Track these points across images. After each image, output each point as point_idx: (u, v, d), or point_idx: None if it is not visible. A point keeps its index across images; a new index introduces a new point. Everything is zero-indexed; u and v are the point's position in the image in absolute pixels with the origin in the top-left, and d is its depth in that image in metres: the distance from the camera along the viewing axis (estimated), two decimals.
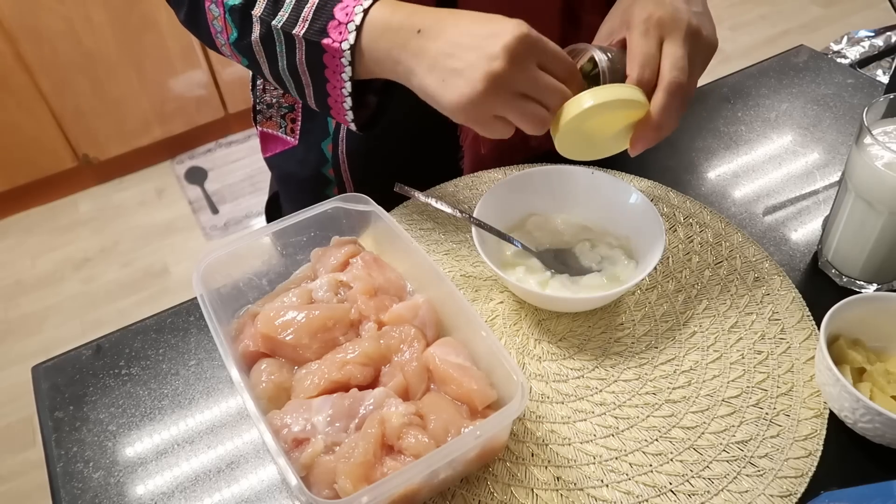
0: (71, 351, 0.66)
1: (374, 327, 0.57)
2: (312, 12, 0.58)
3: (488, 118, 0.56)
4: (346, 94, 0.60)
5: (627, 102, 0.57)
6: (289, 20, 0.59)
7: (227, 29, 0.64)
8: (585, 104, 0.56)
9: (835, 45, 1.48)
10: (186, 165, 2.36)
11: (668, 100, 0.57)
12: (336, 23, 0.57)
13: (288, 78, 0.64)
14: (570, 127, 0.57)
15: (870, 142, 0.60)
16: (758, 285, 0.67)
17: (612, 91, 0.56)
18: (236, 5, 0.62)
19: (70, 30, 1.94)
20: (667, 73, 0.57)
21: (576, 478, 0.54)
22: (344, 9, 0.58)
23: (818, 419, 0.56)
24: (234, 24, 0.63)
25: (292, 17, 0.59)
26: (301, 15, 0.59)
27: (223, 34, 0.65)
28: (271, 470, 0.56)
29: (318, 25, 0.58)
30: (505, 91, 0.54)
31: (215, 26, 0.65)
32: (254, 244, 0.62)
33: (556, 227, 0.71)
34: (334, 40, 0.57)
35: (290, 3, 0.60)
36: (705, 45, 0.60)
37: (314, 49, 0.59)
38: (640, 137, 0.59)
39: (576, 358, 0.62)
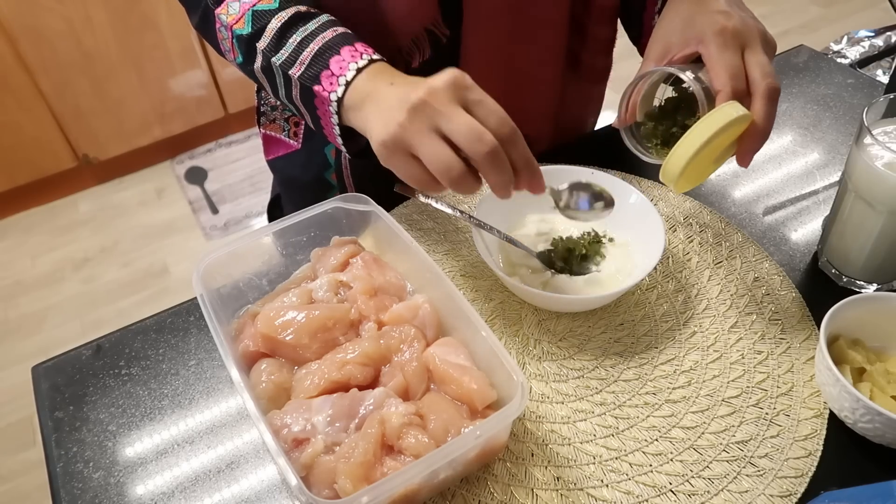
0: (71, 351, 0.66)
1: (374, 327, 0.57)
2: (310, 58, 0.60)
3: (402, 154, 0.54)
4: (336, 134, 0.62)
5: (736, 120, 0.55)
6: (287, 60, 0.61)
7: (234, 52, 0.65)
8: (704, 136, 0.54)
9: (835, 45, 1.48)
10: (186, 165, 2.36)
11: (769, 106, 0.57)
12: (329, 73, 0.59)
13: (289, 104, 0.65)
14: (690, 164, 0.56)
15: (870, 142, 0.60)
16: (758, 285, 0.67)
17: (721, 114, 0.55)
18: (243, 35, 0.63)
19: (70, 30, 1.94)
20: (760, 81, 0.57)
21: (576, 478, 0.54)
22: (339, 62, 0.59)
23: (818, 419, 0.56)
24: (240, 51, 0.65)
25: (291, 57, 0.61)
26: (299, 58, 0.60)
27: (230, 54, 0.67)
28: (271, 470, 0.56)
29: (313, 72, 0.60)
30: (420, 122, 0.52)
31: (223, 45, 0.67)
32: (254, 244, 0.62)
33: (555, 226, 0.71)
34: (324, 89, 0.59)
35: (293, 44, 0.61)
36: (773, 47, 0.61)
37: (306, 92, 0.60)
38: (750, 149, 0.58)
39: (576, 358, 0.62)
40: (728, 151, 0.59)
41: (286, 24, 0.62)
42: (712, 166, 0.61)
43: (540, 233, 0.70)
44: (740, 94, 0.57)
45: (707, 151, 0.56)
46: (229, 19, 0.64)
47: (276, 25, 0.62)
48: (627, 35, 0.82)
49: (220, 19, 0.65)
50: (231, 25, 0.64)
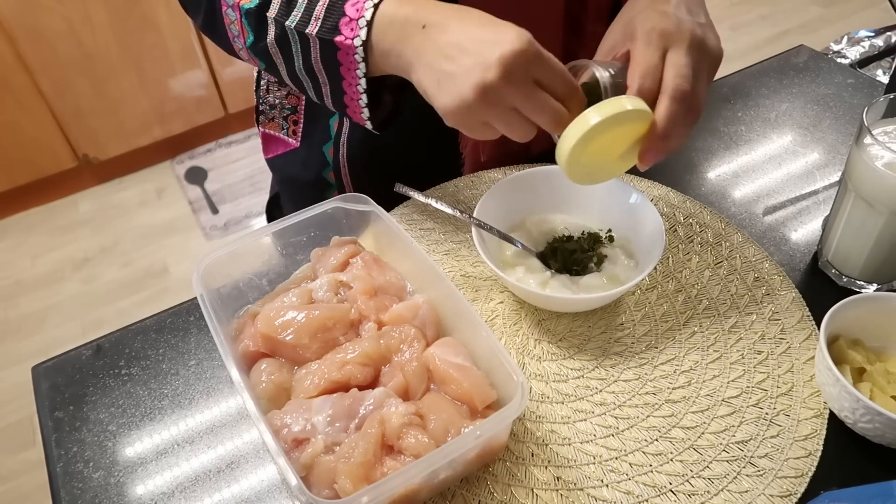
0: (71, 351, 0.66)
1: (374, 327, 0.57)
2: (324, 10, 0.58)
3: (477, 124, 0.55)
4: (361, 91, 0.60)
5: (631, 114, 0.54)
6: (302, 19, 0.59)
7: (244, 33, 0.64)
8: (590, 122, 0.53)
9: (835, 45, 1.48)
10: (186, 165, 2.36)
11: (672, 107, 0.55)
12: (347, 19, 0.57)
13: (305, 78, 0.63)
14: (578, 150, 0.54)
15: (870, 142, 0.60)
16: (758, 285, 0.67)
17: (614, 104, 0.53)
18: (251, 8, 0.62)
19: (70, 30, 1.94)
20: (669, 81, 0.55)
21: (576, 478, 0.54)
22: (354, 4, 0.57)
23: (818, 419, 0.56)
24: (250, 28, 0.63)
25: (305, 16, 0.59)
26: (314, 13, 0.59)
27: (240, 38, 0.65)
28: (271, 470, 0.56)
29: (331, 23, 0.58)
30: (496, 103, 0.53)
31: (232, 30, 0.66)
32: (254, 244, 0.62)
33: (555, 226, 0.71)
34: (346, 37, 0.57)
35: (303, 3, 0.60)
36: (711, 56, 0.59)
37: (328, 47, 0.58)
38: (648, 149, 0.56)
39: (576, 358, 0.62)
40: (634, 150, 0.57)
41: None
42: (618, 163, 0.59)
43: (540, 233, 0.70)
44: (648, 94, 0.55)
45: (602, 142, 0.54)
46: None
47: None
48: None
49: (226, 1, 0.64)
50: (238, 3, 0.63)
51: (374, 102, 0.62)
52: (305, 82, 0.64)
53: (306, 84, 0.64)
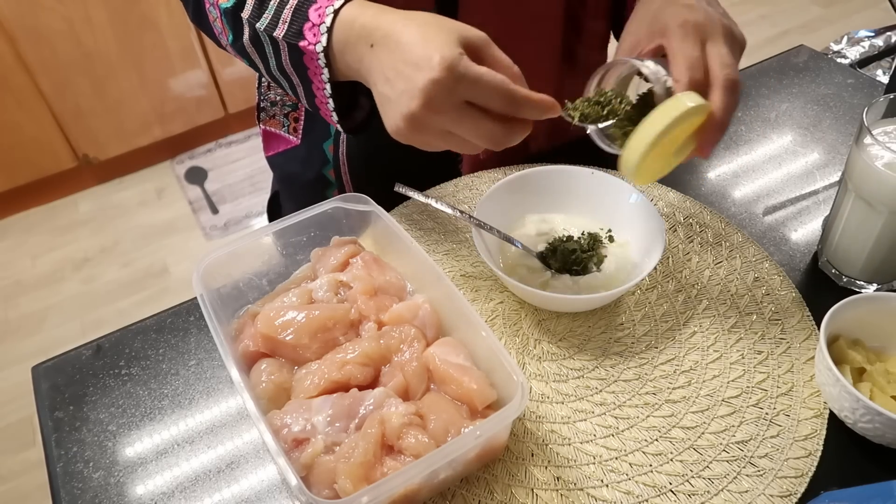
0: (71, 351, 0.66)
1: (374, 327, 0.57)
2: (291, 14, 0.59)
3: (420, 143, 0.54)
4: (328, 95, 0.60)
5: (696, 110, 0.54)
6: (271, 22, 0.60)
7: (225, 31, 0.65)
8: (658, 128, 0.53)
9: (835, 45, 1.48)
10: (186, 165, 2.36)
11: (728, 97, 0.56)
12: (310, 24, 0.57)
13: (280, 77, 0.64)
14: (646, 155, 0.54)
15: (870, 142, 0.60)
16: (758, 285, 0.67)
17: (676, 105, 0.54)
18: (228, 8, 0.62)
19: (70, 30, 1.94)
20: (719, 72, 0.56)
21: (576, 478, 0.54)
22: (317, 10, 0.57)
23: (818, 419, 0.56)
24: (229, 26, 0.64)
25: (274, 19, 0.60)
26: (281, 17, 0.59)
27: (223, 35, 0.66)
28: (271, 470, 0.56)
29: (296, 27, 0.58)
30: (426, 129, 0.52)
31: (216, 27, 0.66)
32: (254, 244, 0.62)
33: (555, 226, 0.71)
34: (309, 42, 0.57)
35: (273, 6, 0.60)
36: (740, 44, 0.61)
37: (294, 51, 0.59)
38: (709, 140, 0.57)
39: (576, 358, 0.62)
40: (689, 143, 0.58)
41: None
42: (674, 158, 0.59)
43: (540, 233, 0.70)
44: (698, 85, 0.56)
45: (665, 142, 0.55)
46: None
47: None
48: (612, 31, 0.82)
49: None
50: (216, 2, 0.63)
51: (350, 105, 0.62)
52: (282, 81, 0.64)
53: (283, 83, 0.65)
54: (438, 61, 0.49)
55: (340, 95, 0.62)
